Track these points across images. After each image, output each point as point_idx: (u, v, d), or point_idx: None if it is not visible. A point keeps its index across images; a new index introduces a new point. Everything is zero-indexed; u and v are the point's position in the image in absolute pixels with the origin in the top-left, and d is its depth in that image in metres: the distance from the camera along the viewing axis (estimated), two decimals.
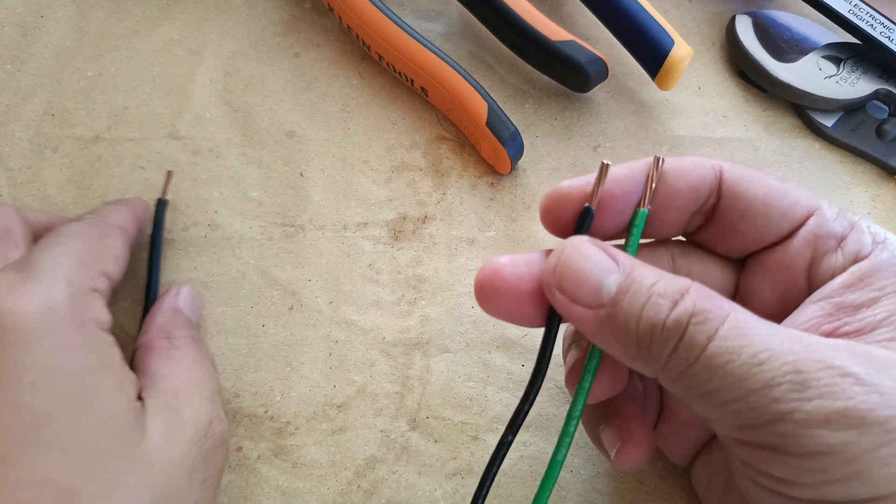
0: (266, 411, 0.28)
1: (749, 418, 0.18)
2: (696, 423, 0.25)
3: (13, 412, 0.19)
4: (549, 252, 0.22)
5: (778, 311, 0.22)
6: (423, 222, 0.33)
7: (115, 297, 0.30)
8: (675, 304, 0.18)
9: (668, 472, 0.28)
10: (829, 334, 0.20)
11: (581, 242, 0.20)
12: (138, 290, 0.30)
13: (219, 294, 0.31)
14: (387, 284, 0.31)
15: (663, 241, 0.24)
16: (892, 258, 0.20)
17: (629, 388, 0.25)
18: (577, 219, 0.21)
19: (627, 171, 0.22)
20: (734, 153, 0.36)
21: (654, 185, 0.22)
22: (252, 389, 0.29)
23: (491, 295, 0.21)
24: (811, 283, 0.22)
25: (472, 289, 0.31)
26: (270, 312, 0.30)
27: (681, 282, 0.19)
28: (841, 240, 0.21)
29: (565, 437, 0.22)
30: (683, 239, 0.25)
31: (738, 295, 0.24)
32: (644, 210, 0.22)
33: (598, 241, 0.20)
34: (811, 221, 0.22)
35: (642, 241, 0.23)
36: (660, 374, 0.19)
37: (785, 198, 0.22)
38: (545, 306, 0.21)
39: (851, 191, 0.35)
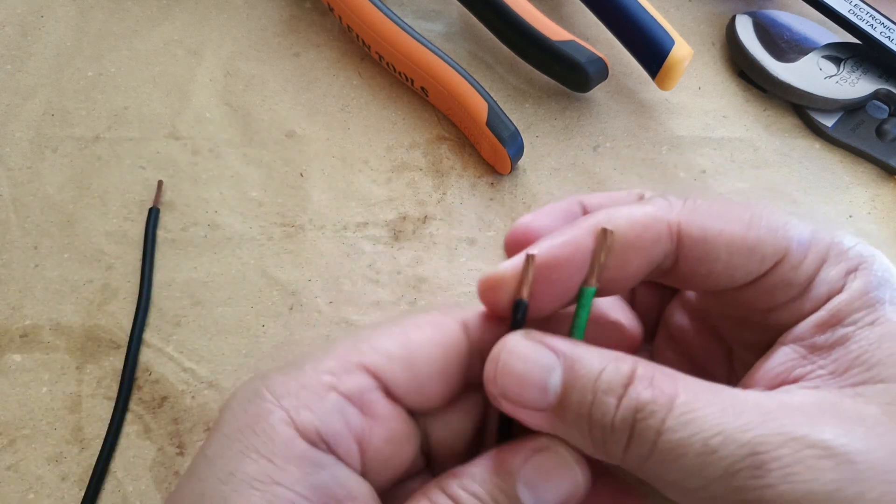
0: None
1: None
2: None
3: None
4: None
5: (740, 338, 0.22)
6: (423, 222, 0.33)
7: (113, 297, 0.30)
8: (619, 399, 0.17)
9: None
10: (800, 377, 0.19)
11: (515, 344, 0.19)
12: (136, 290, 0.30)
13: (219, 294, 0.31)
14: (387, 284, 0.31)
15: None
16: (866, 285, 0.19)
17: None
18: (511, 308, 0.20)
19: (570, 238, 0.20)
20: (734, 153, 0.36)
21: (603, 260, 0.19)
22: None
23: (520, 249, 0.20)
24: (770, 324, 0.21)
25: (473, 288, 0.31)
26: (270, 312, 0.30)
27: (625, 366, 0.18)
28: (807, 287, 0.20)
29: None
30: None
31: (697, 318, 0.23)
32: (592, 289, 0.20)
33: (534, 334, 0.19)
34: (777, 269, 0.20)
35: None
36: (622, 465, 0.18)
37: (751, 251, 0.20)
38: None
39: (851, 191, 0.35)
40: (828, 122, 0.36)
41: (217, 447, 0.18)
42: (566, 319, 0.20)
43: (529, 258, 0.19)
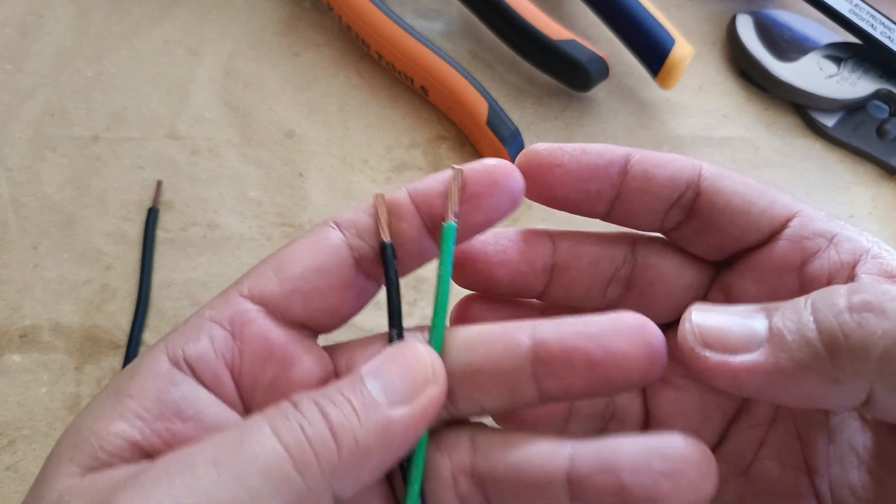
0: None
1: None
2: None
3: None
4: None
5: None
6: None
7: (112, 297, 0.30)
8: (851, 293, 0.17)
9: None
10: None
11: (701, 305, 0.18)
12: (135, 290, 0.30)
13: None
14: None
15: (628, 234, 0.23)
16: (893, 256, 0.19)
17: None
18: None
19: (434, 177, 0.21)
20: (735, 153, 0.36)
21: (455, 198, 0.20)
22: None
23: (465, 263, 0.22)
24: (804, 283, 0.21)
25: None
26: None
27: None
28: (832, 237, 0.20)
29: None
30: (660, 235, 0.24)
31: (722, 293, 0.23)
32: (451, 223, 0.20)
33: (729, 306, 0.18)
34: (795, 222, 0.21)
35: (617, 229, 0.23)
36: (877, 382, 0.16)
37: (764, 196, 0.21)
38: (511, 274, 0.22)
39: (852, 190, 0.35)
40: (828, 121, 0.36)
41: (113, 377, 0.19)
42: None
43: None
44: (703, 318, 0.18)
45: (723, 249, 0.22)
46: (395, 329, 0.21)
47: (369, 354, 0.20)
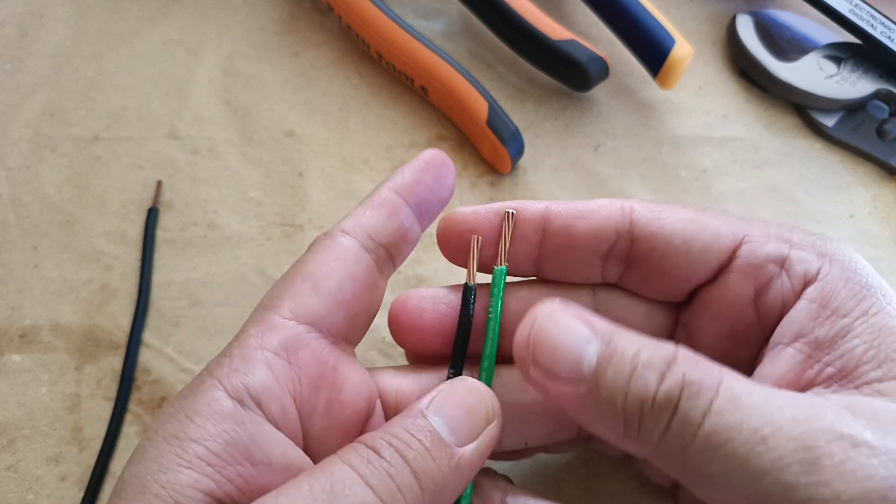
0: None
1: (763, 503, 0.16)
2: None
3: None
4: (455, 288, 0.22)
5: (729, 346, 0.21)
6: None
7: (112, 297, 0.30)
8: (662, 375, 0.16)
9: None
10: (812, 380, 0.18)
11: (554, 309, 0.18)
12: (135, 290, 0.30)
13: (217, 294, 0.31)
14: None
15: (589, 285, 0.23)
16: (843, 272, 0.19)
17: None
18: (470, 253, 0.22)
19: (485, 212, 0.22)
20: (735, 153, 0.36)
21: (508, 241, 0.21)
22: None
23: (395, 326, 0.22)
24: (761, 314, 0.20)
25: None
26: None
27: (666, 348, 0.17)
28: (782, 262, 0.20)
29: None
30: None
31: (683, 331, 0.22)
32: (503, 268, 0.21)
33: (572, 305, 0.18)
34: (743, 250, 0.20)
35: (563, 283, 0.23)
36: (653, 455, 0.17)
37: (705, 230, 0.20)
38: (446, 340, 0.22)
39: (852, 191, 0.35)
40: (828, 121, 0.36)
41: (161, 415, 0.18)
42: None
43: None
44: (543, 329, 0.18)
45: (677, 291, 0.22)
46: (454, 370, 0.22)
47: (411, 384, 0.21)
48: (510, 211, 0.21)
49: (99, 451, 0.27)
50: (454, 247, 0.22)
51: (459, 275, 0.32)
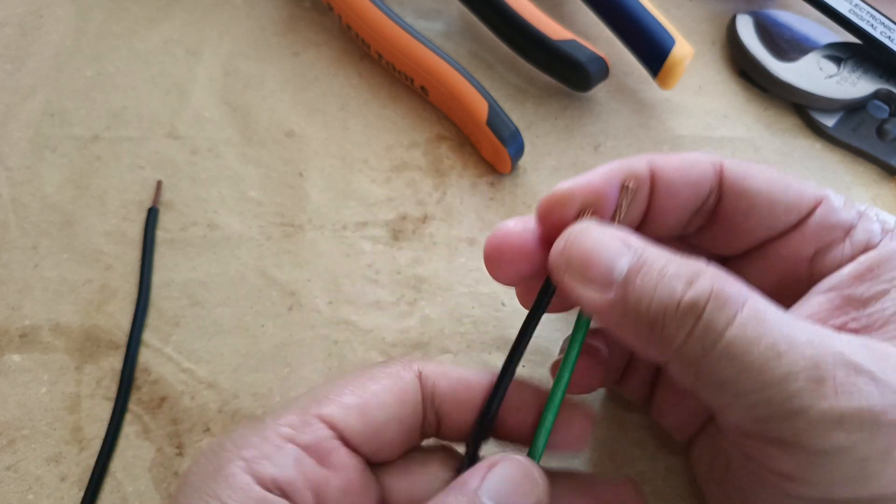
0: (265, 412, 0.28)
1: (763, 411, 0.17)
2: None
3: None
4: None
5: (773, 298, 0.22)
6: (423, 222, 0.33)
7: (112, 297, 0.30)
8: (690, 283, 0.18)
9: (669, 473, 0.27)
10: (837, 329, 0.19)
11: (589, 224, 0.19)
12: (135, 290, 0.30)
13: (217, 294, 0.31)
14: (386, 285, 0.31)
15: None
16: None
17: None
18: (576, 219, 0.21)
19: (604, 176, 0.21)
20: (735, 153, 0.36)
21: (623, 215, 0.21)
22: (251, 390, 0.29)
23: (497, 257, 0.21)
24: (814, 273, 0.21)
25: (473, 289, 0.31)
26: (269, 313, 0.30)
27: (695, 263, 0.18)
28: (849, 230, 0.21)
29: (542, 430, 0.21)
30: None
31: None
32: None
33: (608, 225, 0.20)
34: (818, 212, 0.21)
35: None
36: (672, 360, 0.18)
37: (789, 190, 0.21)
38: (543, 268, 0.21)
39: (852, 191, 0.35)
40: (828, 121, 0.36)
41: (182, 494, 0.18)
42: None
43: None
44: (579, 239, 0.19)
45: (742, 246, 0.22)
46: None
47: (415, 483, 0.21)
48: (629, 185, 0.21)
49: (99, 451, 0.27)
50: (557, 224, 0.21)
51: (459, 273, 0.32)
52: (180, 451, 0.27)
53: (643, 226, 0.22)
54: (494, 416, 0.21)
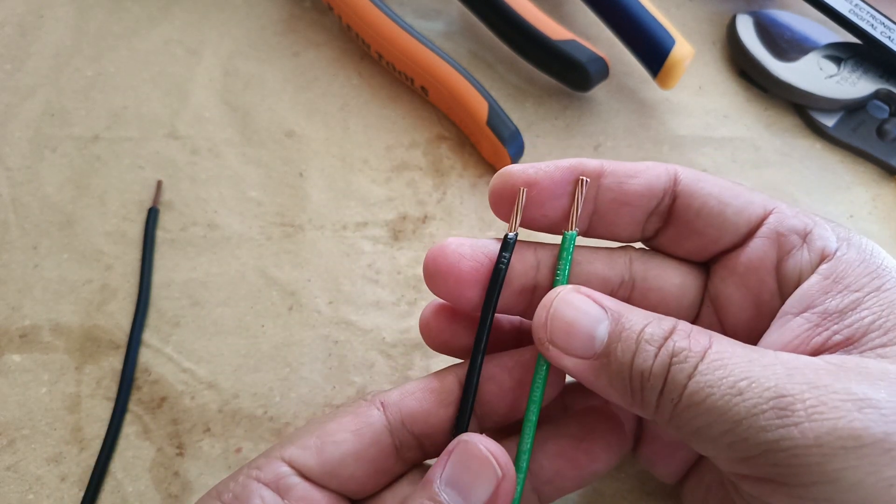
0: (265, 412, 0.28)
1: (741, 451, 0.17)
2: (680, 443, 0.24)
3: None
4: (495, 240, 0.22)
5: (753, 316, 0.22)
6: (423, 222, 0.33)
7: (112, 297, 0.30)
8: (659, 348, 0.18)
9: None
10: (819, 347, 0.19)
11: (567, 293, 0.20)
12: (135, 290, 0.30)
13: (218, 294, 0.31)
14: (386, 284, 0.31)
15: (623, 247, 0.24)
16: (860, 254, 0.20)
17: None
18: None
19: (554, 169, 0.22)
20: (735, 153, 0.36)
21: (579, 207, 0.22)
22: (251, 390, 0.29)
23: (433, 273, 0.22)
24: (781, 283, 0.21)
25: None
26: (269, 313, 0.30)
27: (666, 323, 0.19)
28: (805, 235, 0.21)
29: (518, 473, 0.21)
30: (644, 247, 0.24)
31: (710, 302, 0.23)
32: (573, 233, 0.22)
33: (583, 288, 0.20)
34: (771, 219, 0.21)
35: (600, 244, 0.23)
36: (655, 418, 0.19)
37: (740, 196, 0.22)
38: (481, 291, 0.22)
39: (852, 190, 0.35)
40: (828, 121, 0.36)
41: None
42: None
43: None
44: (559, 311, 0.20)
45: (704, 251, 0.23)
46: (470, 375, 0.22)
47: None
48: (584, 179, 0.22)
49: (99, 451, 0.27)
50: (509, 205, 0.22)
51: None
52: (180, 451, 0.27)
53: (604, 225, 0.23)
54: (471, 411, 0.21)
